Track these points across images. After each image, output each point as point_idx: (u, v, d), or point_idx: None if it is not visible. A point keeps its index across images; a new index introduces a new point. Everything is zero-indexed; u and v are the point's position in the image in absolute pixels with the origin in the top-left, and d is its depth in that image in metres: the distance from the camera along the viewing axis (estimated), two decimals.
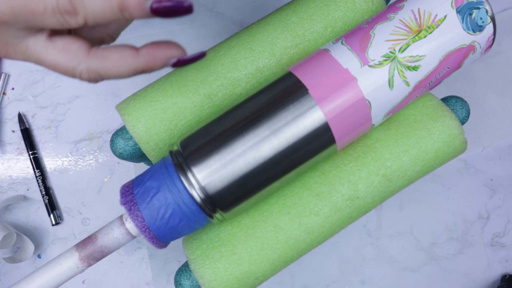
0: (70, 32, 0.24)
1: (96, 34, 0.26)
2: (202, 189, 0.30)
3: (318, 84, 0.30)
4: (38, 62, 0.23)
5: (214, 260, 0.33)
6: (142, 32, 0.52)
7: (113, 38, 0.27)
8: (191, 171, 0.30)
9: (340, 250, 0.50)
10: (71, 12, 0.20)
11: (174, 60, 0.23)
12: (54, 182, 0.51)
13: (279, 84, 0.32)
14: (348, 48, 0.32)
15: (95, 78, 0.23)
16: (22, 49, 0.22)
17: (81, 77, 0.23)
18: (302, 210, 0.33)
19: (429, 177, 0.51)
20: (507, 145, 0.53)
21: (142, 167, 0.51)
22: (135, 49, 0.23)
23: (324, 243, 0.35)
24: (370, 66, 0.31)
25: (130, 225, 0.31)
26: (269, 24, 0.37)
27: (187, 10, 0.20)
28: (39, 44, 0.22)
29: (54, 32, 0.23)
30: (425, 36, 0.31)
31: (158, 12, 0.20)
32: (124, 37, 0.31)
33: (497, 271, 0.51)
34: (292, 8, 0.37)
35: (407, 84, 0.31)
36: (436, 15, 0.31)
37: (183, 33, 0.52)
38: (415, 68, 0.31)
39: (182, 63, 0.23)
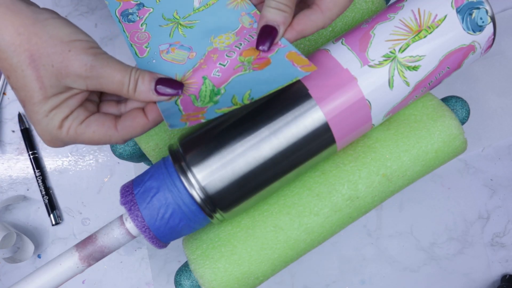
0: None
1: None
2: (202, 189, 0.30)
3: (318, 84, 0.30)
4: (75, 141, 0.28)
5: (214, 260, 0.33)
6: None
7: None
8: (191, 171, 0.30)
9: (340, 250, 0.50)
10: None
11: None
12: (54, 182, 0.51)
13: None
14: (348, 48, 0.31)
15: (127, 141, 0.30)
16: (62, 135, 0.27)
17: (116, 144, 0.30)
18: (302, 210, 0.33)
19: (429, 177, 0.51)
20: (507, 145, 0.53)
21: (142, 167, 0.51)
22: (144, 114, 0.28)
23: (324, 243, 0.35)
24: (370, 66, 0.31)
25: (130, 225, 0.31)
26: None
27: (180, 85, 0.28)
28: (73, 128, 0.27)
29: (88, 114, 0.28)
30: (425, 36, 0.31)
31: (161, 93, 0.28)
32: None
33: (497, 271, 0.51)
34: None
35: (407, 84, 0.31)
36: (436, 15, 0.31)
37: None
38: (415, 68, 0.31)
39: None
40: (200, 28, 0.32)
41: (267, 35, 0.29)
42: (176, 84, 0.28)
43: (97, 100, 0.30)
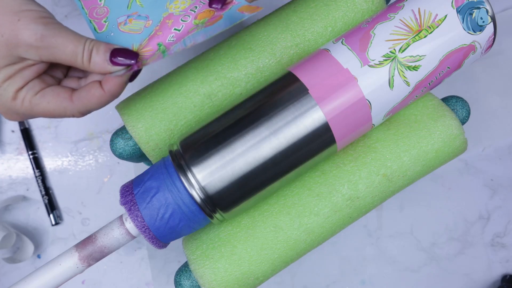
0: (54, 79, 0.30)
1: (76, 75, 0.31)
2: (202, 189, 0.29)
3: (318, 84, 0.30)
4: (31, 112, 0.28)
5: (214, 261, 0.33)
6: None
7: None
8: (191, 171, 0.30)
9: (341, 250, 0.50)
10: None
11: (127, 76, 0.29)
12: (53, 182, 0.51)
13: (279, 84, 0.32)
14: (348, 48, 0.31)
15: (84, 114, 0.29)
16: (17, 106, 0.27)
17: (73, 117, 0.29)
18: (302, 210, 0.33)
19: (429, 177, 0.51)
20: (508, 145, 0.52)
21: (142, 167, 0.51)
22: (100, 85, 0.28)
23: (324, 243, 0.35)
24: (370, 66, 0.31)
25: (130, 225, 0.31)
26: (269, 23, 0.37)
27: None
28: (28, 99, 0.27)
29: (45, 86, 0.28)
30: (425, 36, 0.31)
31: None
32: None
33: (498, 271, 0.51)
34: (292, 8, 0.37)
35: (407, 84, 0.31)
36: (437, 15, 0.31)
37: None
38: (415, 68, 0.31)
39: (135, 75, 0.30)
40: None
41: None
42: (131, 54, 0.28)
43: (61, 76, 0.30)
